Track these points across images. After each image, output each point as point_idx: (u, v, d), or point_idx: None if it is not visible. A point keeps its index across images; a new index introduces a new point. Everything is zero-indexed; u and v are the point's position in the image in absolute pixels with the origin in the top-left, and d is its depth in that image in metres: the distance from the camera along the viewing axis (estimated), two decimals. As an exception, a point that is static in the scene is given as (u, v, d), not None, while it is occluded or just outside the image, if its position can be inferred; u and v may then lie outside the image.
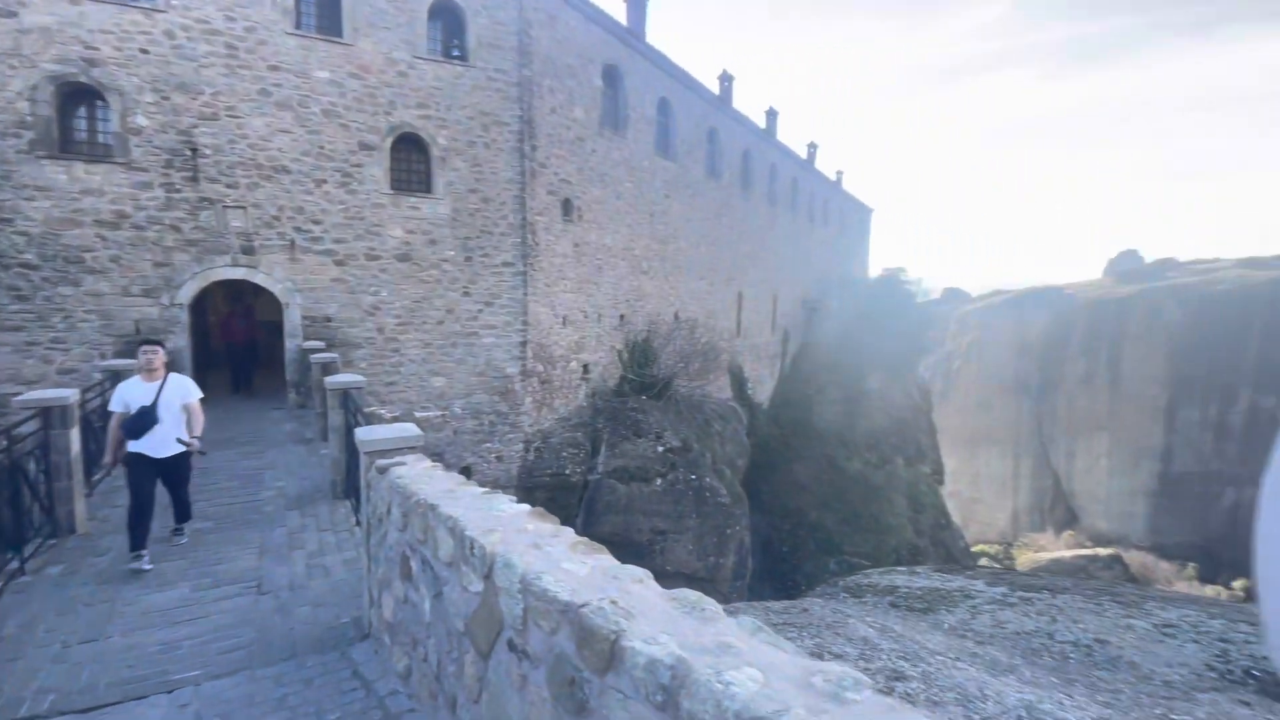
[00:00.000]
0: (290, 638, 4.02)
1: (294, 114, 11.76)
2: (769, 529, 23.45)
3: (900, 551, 23.32)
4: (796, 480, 25.39)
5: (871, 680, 1.52)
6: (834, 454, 27.57)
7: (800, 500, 24.65)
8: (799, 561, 22.32)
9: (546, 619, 2.05)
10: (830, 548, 22.81)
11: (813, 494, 24.82)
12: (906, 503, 27.19)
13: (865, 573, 6.77)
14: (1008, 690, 3.19)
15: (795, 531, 23.28)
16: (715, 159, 23.72)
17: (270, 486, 7.06)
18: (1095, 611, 4.14)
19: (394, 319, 13.18)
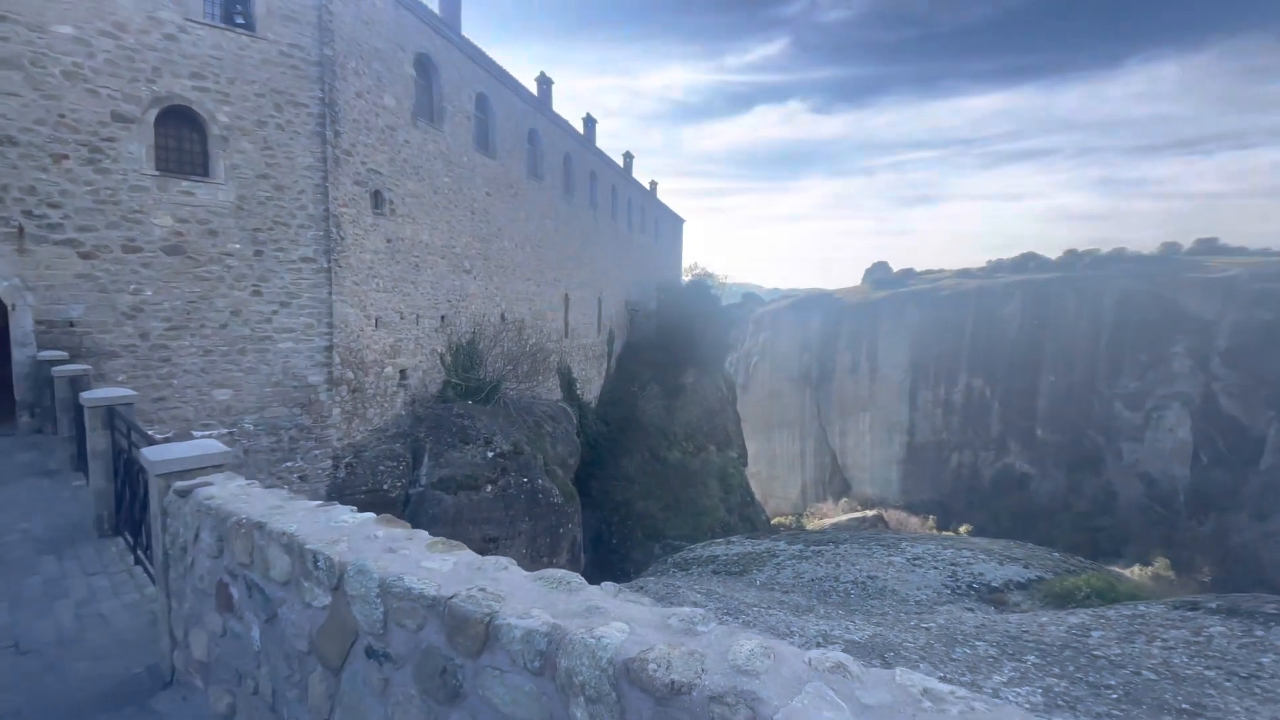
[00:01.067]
0: (69, 699, 3.35)
1: (25, 74, 9.42)
2: (599, 523, 24.18)
3: (715, 530, 25.57)
4: (624, 473, 26.50)
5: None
6: (656, 446, 29.26)
7: (627, 492, 25.79)
8: (628, 550, 23.36)
9: (412, 617, 2.08)
10: (655, 533, 24.21)
11: (639, 485, 26.11)
12: (718, 485, 29.85)
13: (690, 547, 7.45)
14: (808, 624, 3.86)
15: (624, 522, 24.31)
16: (537, 160, 23.76)
17: (11, 529, 5.64)
18: (866, 555, 5.13)
19: (162, 322, 11.17)
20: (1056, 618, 3.36)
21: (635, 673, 1.55)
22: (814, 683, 1.45)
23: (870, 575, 4.56)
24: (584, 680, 1.64)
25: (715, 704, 1.42)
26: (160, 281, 11.05)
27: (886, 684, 1.45)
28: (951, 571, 4.80)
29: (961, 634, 3.21)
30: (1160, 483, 45.77)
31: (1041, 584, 4.23)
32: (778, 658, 1.55)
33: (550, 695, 1.73)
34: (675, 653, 1.57)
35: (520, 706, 1.79)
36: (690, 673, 1.50)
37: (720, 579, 5.68)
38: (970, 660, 3.02)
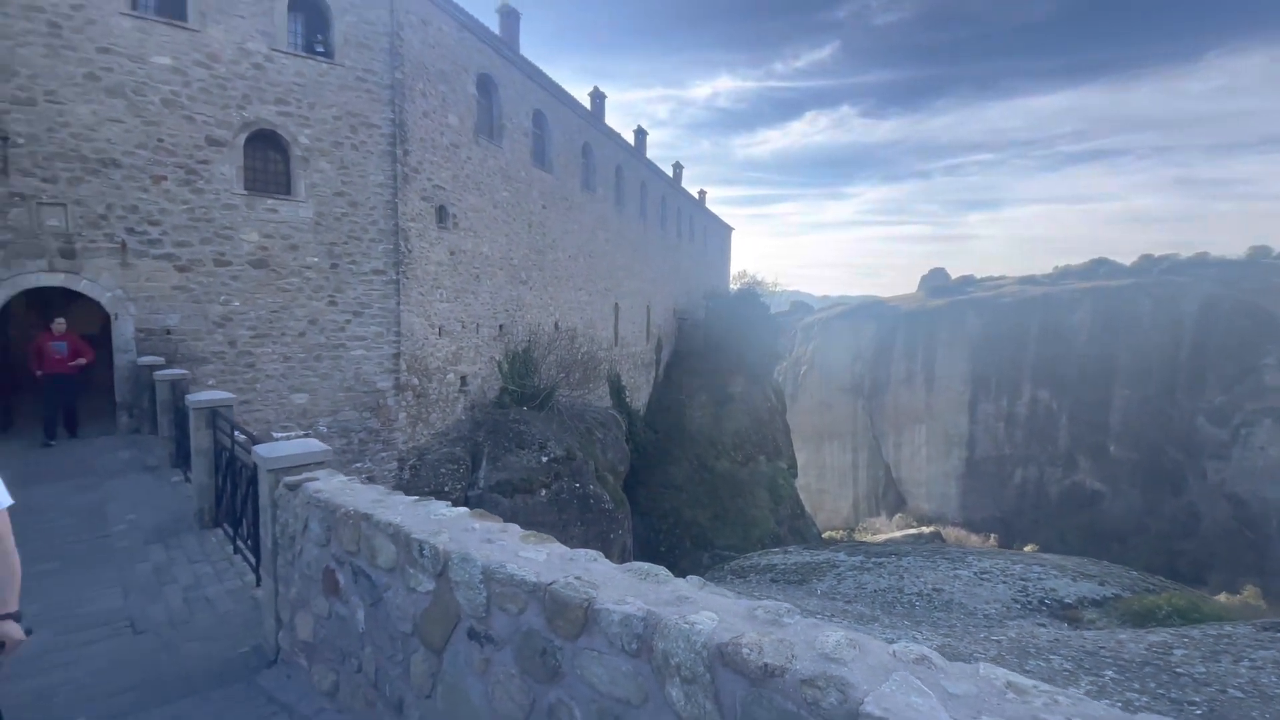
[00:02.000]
0: (184, 675, 3.73)
1: (128, 102, 10.38)
2: (648, 530, 24.29)
3: (764, 541, 25.27)
4: (672, 481, 26.55)
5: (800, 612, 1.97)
6: (704, 454, 29.19)
7: (675, 500, 25.82)
8: (677, 559, 23.36)
9: (514, 601, 2.28)
10: (703, 543, 24.13)
11: (687, 493, 26.11)
12: (768, 496, 29.50)
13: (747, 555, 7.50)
14: (873, 634, 3.89)
15: (672, 530, 24.34)
16: (590, 173, 24.29)
17: (119, 520, 6.24)
18: (931, 568, 5.09)
19: (248, 330, 12.03)
20: (1136, 635, 3.28)
21: (729, 656, 1.69)
22: (900, 672, 1.56)
23: (935, 588, 4.54)
24: (679, 662, 1.79)
25: (807, 686, 1.55)
26: (247, 293, 11.91)
27: (970, 676, 1.55)
28: (1022, 587, 4.72)
29: (1035, 647, 3.19)
30: (1250, 505, 42.40)
31: (1119, 602, 4.10)
32: (863, 649, 1.66)
33: (646, 676, 1.88)
34: (766, 640, 1.70)
35: (618, 686, 1.95)
36: (781, 658, 1.63)
37: (780, 587, 5.73)
38: (1045, 673, 2.99)
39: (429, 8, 14.64)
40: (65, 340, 9.47)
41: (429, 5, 14.64)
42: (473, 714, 2.46)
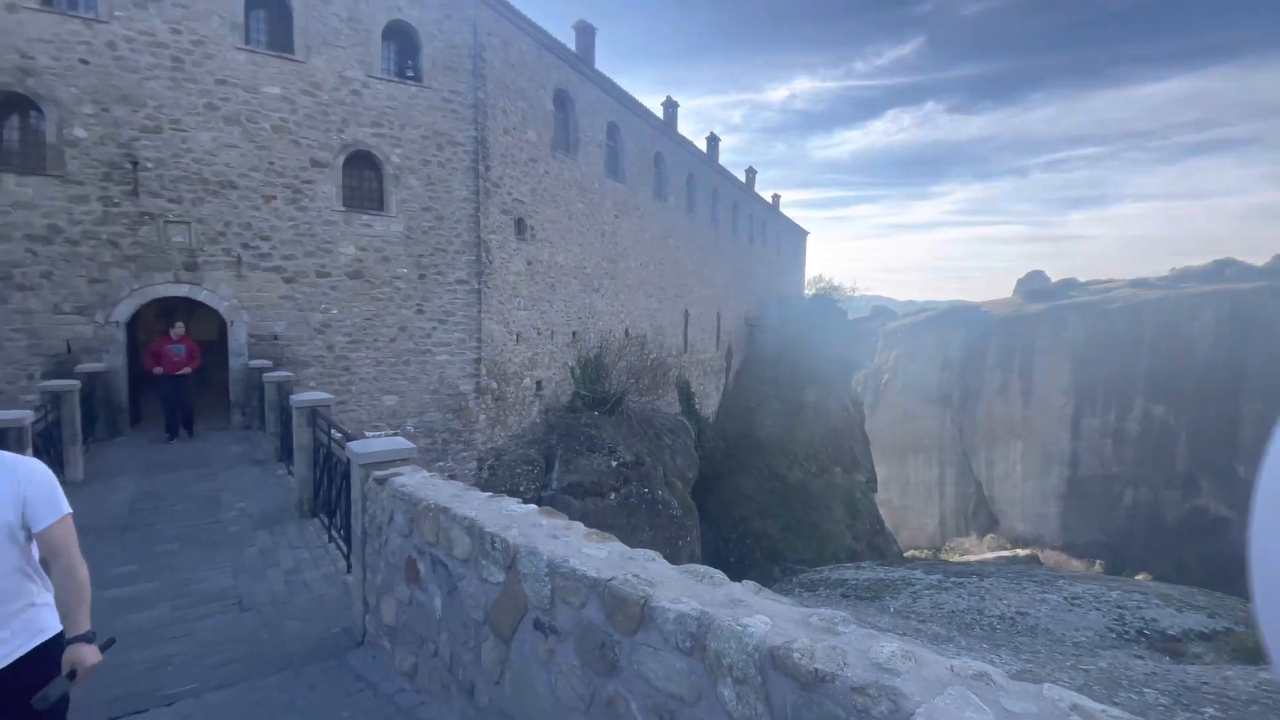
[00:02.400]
0: (283, 650, 4.11)
1: (242, 129, 11.56)
2: (717, 539, 24.05)
3: (840, 557, 24.39)
4: (742, 491, 26.17)
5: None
6: (776, 464, 28.58)
7: (745, 510, 25.42)
8: (746, 570, 22.98)
9: (576, 595, 2.39)
10: (774, 555, 23.61)
11: (757, 503, 25.64)
12: (844, 510, 28.47)
13: (817, 569, 7.32)
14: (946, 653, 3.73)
15: (742, 540, 23.97)
16: (661, 182, 24.52)
17: (231, 508, 6.94)
18: (1016, 590, 4.79)
19: (345, 337, 13.00)
20: (1245, 672, 2.95)
21: (780, 659, 1.70)
22: (956, 686, 1.52)
23: (1020, 611, 4.27)
24: (731, 663, 1.82)
25: (857, 694, 1.54)
26: (344, 302, 12.89)
27: (1033, 696, 1.49)
28: (1118, 615, 4.36)
29: (1128, 679, 2.94)
30: None
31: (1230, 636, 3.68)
32: (919, 661, 1.63)
33: (700, 674, 1.93)
34: (818, 645, 1.71)
35: (672, 682, 2.01)
36: (833, 664, 1.63)
37: (850, 603, 5.57)
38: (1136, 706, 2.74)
39: (510, 29, 15.35)
40: (183, 344, 10.07)
41: (510, 27, 15.35)
42: (537, 702, 2.58)
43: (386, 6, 12.96)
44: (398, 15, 13.09)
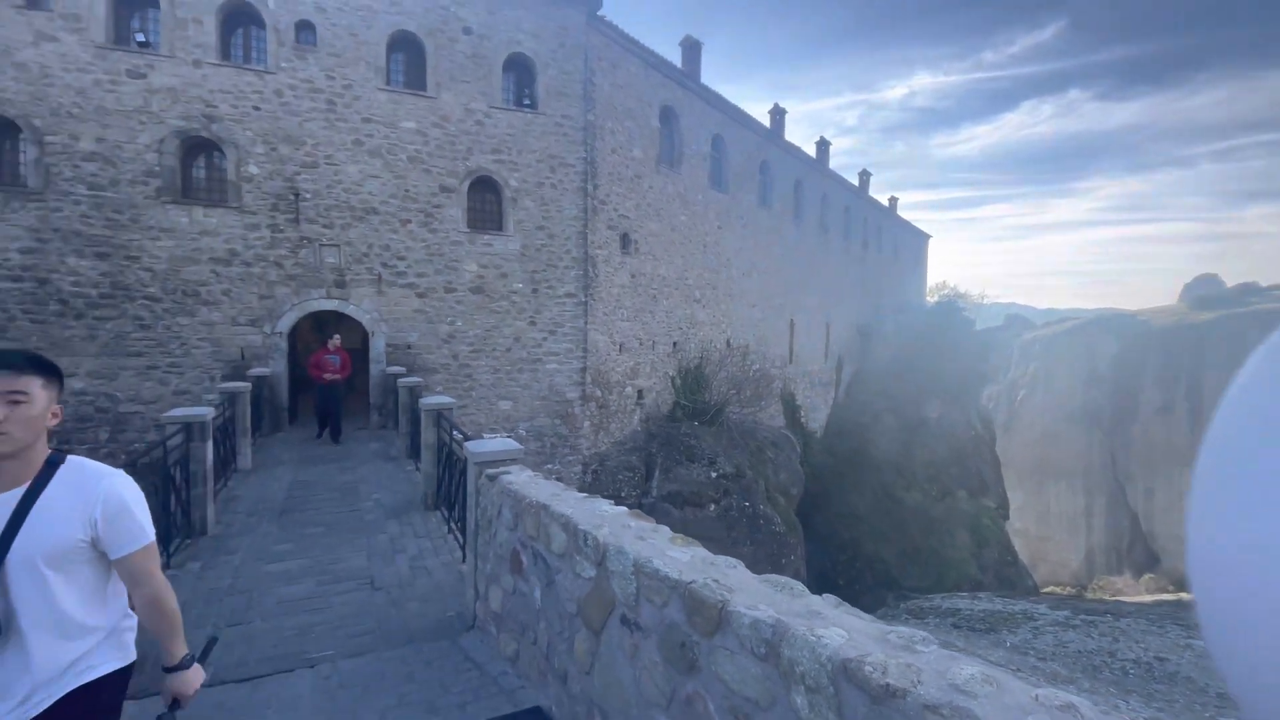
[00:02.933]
0: (405, 627, 4.58)
1: (383, 161, 12.99)
2: (824, 560, 23.09)
3: (963, 588, 22.47)
4: (853, 511, 24.95)
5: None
6: (891, 484, 26.96)
7: (856, 531, 24.19)
8: (857, 595, 21.83)
9: (659, 594, 2.50)
10: (889, 581, 22.23)
11: (869, 525, 24.32)
12: (969, 537, 26.22)
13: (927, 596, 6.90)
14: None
15: (852, 564, 22.83)
16: (767, 189, 24.22)
17: (367, 498, 7.79)
18: (1157, 633, 4.25)
19: (467, 346, 14.09)
20: None
21: (852, 671, 1.71)
22: (1038, 715, 1.46)
23: (1159, 656, 3.81)
24: (804, 671, 1.84)
25: (930, 713, 1.52)
26: (467, 315, 14.00)
27: (1130, 735, 1.39)
28: None
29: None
30: None
31: None
32: (1000, 686, 1.57)
33: (774, 680, 1.96)
34: (892, 661, 1.69)
35: (747, 686, 2.05)
36: (905, 681, 1.61)
37: (961, 634, 5.21)
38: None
39: (619, 52, 15.98)
40: (338, 355, 10.95)
41: (618, 49, 15.99)
42: (623, 694, 2.72)
43: (507, 41, 14.01)
44: (517, 48, 14.10)
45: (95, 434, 11.33)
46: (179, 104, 11.77)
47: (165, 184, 11.77)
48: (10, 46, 10.82)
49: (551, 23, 14.42)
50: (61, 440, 11.20)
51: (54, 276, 11.15)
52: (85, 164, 11.26)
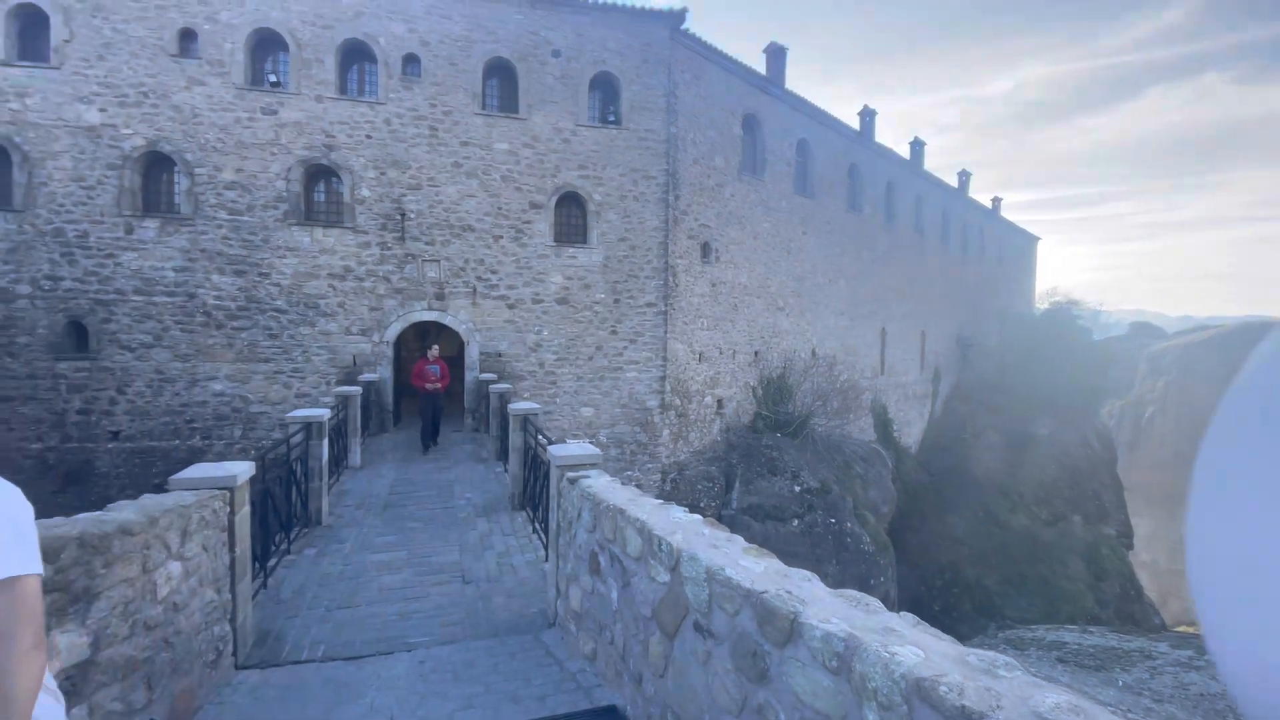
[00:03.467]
0: (492, 620, 4.84)
1: (479, 181, 13.81)
2: (918, 584, 21.80)
3: (1076, 621, 20.46)
4: (950, 533, 23.42)
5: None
6: (994, 506, 25.06)
7: (955, 555, 22.67)
8: (953, 623, 20.43)
9: (730, 602, 2.52)
10: (990, 610, 20.64)
11: (969, 549, 22.72)
12: (1084, 567, 23.86)
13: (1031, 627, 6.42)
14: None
15: (949, 589, 21.40)
16: (856, 193, 23.42)
17: (460, 497, 8.28)
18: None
19: (552, 355, 14.63)
20: None
21: (926, 690, 1.67)
22: (1134, 752, 1.37)
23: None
24: (876, 687, 1.82)
25: (1009, 739, 1.46)
26: (552, 324, 14.54)
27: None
28: None
29: None
30: None
31: None
32: (1088, 717, 1.49)
33: (845, 694, 1.94)
34: (970, 684, 1.64)
35: (819, 699, 2.04)
36: (983, 704, 1.56)
37: (1067, 669, 4.83)
38: None
39: (701, 63, 16.11)
40: (438, 365, 11.14)
41: (701, 61, 16.12)
42: (696, 699, 2.76)
43: (593, 60, 14.51)
44: (602, 67, 14.57)
45: (230, 431, 12.76)
46: (303, 135, 13.10)
47: (291, 208, 13.12)
48: (167, 90, 12.51)
49: (636, 40, 14.78)
50: (203, 436, 12.71)
51: (200, 291, 12.71)
52: (227, 192, 12.78)
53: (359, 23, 13.13)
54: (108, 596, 2.91)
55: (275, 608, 5.00)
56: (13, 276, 12.04)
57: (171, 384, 12.57)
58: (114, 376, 12.38)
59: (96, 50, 12.24)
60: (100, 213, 12.29)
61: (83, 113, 12.21)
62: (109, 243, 12.34)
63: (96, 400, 12.32)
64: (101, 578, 2.88)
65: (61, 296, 12.20)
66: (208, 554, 3.75)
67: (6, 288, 12.02)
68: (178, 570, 3.39)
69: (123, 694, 3.01)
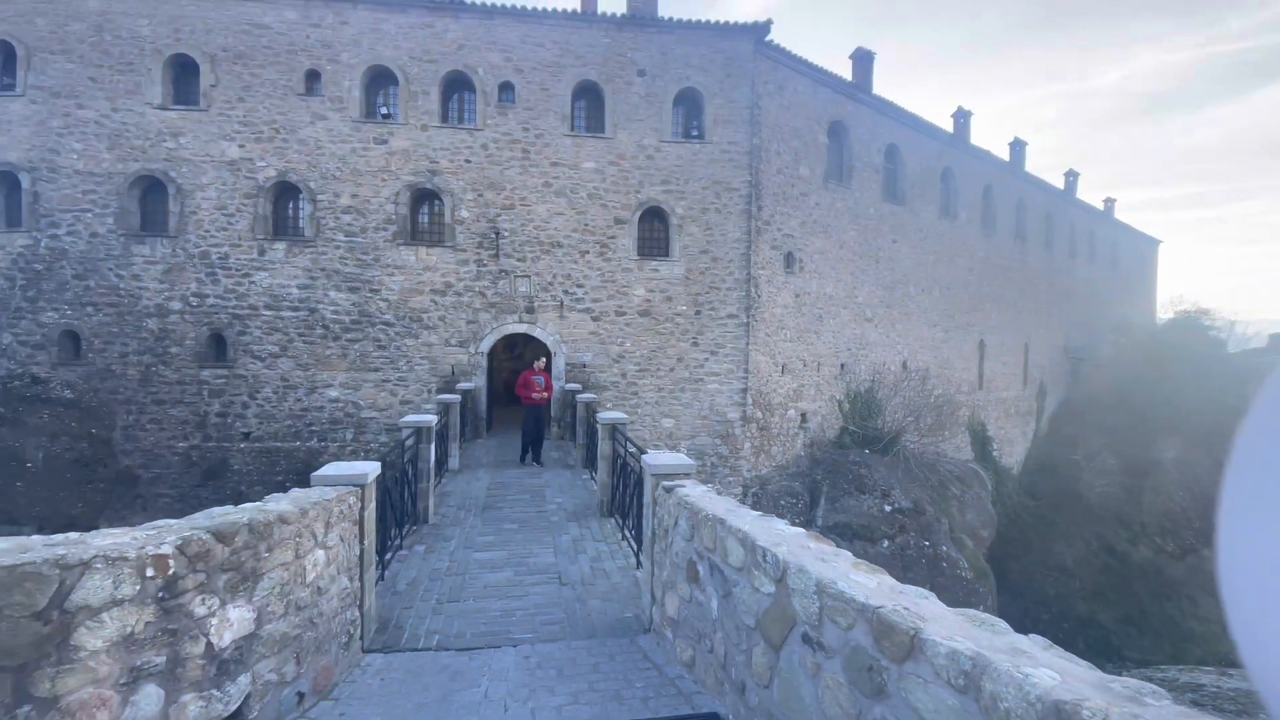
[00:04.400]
0: (589, 622, 5.01)
1: (568, 199, 14.39)
2: (1022, 616, 20.19)
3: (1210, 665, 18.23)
4: (1059, 563, 21.60)
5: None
6: (1111, 536, 22.87)
7: (1064, 587, 20.87)
8: (1062, 659, 18.79)
9: (843, 616, 2.52)
10: (1106, 649, 18.81)
11: (1081, 581, 20.85)
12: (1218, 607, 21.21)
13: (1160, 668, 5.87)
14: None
15: (1057, 624, 19.70)
16: (950, 199, 22.34)
17: (551, 502, 8.60)
18: None
19: (634, 366, 14.89)
20: None
21: (1067, 714, 1.62)
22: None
23: None
24: (1009, 708, 1.78)
25: (1165, 771, 1.41)
26: (635, 336, 14.82)
27: None
28: None
29: None
30: None
31: None
32: (1262, 756, 1.40)
33: (973, 715, 1.91)
34: (1115, 710, 1.58)
35: (942, 716, 2.01)
36: (1134, 733, 1.50)
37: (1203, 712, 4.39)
38: None
39: (785, 73, 16.01)
40: (541, 376, 11.03)
41: (785, 71, 16.02)
42: (804, 712, 2.76)
43: (677, 77, 14.79)
44: (686, 83, 14.82)
45: (343, 434, 13.88)
46: (410, 162, 14.16)
47: (399, 229, 14.18)
48: (295, 126, 13.90)
49: (719, 55, 14.93)
50: (320, 439, 13.88)
51: (320, 307, 13.95)
52: (343, 215, 14.00)
53: (460, 55, 14.08)
54: (269, 577, 3.30)
55: (393, 598, 5.41)
56: (167, 294, 13.73)
57: (294, 390, 13.87)
58: (246, 383, 13.81)
59: (238, 93, 13.82)
60: (238, 237, 13.81)
61: (225, 149, 13.81)
62: (245, 263, 13.84)
63: (232, 404, 13.78)
64: (265, 560, 3.27)
65: (206, 311, 13.78)
66: (344, 544, 4.15)
67: (162, 304, 13.72)
68: (322, 558, 3.79)
69: (278, 666, 3.39)
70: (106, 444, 13.49)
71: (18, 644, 2.27)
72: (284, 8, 13.79)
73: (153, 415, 13.61)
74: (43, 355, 13.46)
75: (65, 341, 13.63)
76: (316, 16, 13.83)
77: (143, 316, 13.66)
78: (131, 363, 13.60)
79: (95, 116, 13.54)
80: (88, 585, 2.43)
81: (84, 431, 13.32)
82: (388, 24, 13.96)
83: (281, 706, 3.42)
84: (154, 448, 13.59)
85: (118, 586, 2.52)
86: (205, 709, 2.90)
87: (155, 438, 13.62)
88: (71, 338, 13.64)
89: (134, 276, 13.65)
